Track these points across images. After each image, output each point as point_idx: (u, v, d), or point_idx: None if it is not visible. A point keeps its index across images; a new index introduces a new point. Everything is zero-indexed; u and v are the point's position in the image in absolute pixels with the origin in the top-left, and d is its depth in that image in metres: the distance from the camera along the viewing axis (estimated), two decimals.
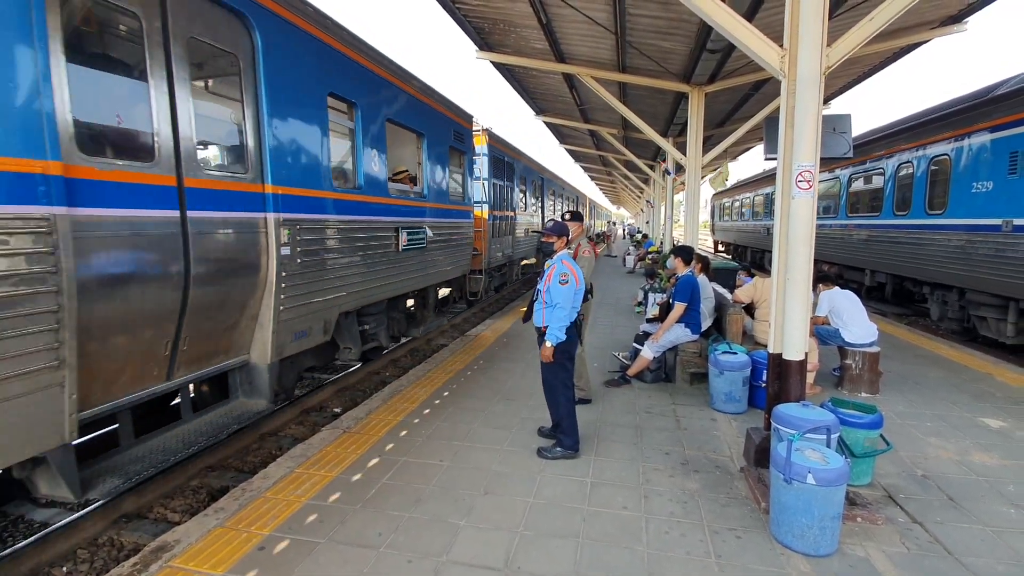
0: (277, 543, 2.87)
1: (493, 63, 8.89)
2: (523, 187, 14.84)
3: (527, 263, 17.10)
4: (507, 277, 14.08)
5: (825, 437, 2.93)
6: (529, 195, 15.71)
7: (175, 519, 3.75)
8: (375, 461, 3.84)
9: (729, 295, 6.52)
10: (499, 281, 13.22)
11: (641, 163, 16.54)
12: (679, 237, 16.93)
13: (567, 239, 4.06)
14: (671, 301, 5.54)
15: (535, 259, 16.95)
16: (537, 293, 3.99)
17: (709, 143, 12.21)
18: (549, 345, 3.79)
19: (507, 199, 13.05)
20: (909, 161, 9.75)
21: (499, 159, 12.11)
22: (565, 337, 3.79)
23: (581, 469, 3.74)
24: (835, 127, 6.00)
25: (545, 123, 14.17)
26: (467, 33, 7.84)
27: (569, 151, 21.20)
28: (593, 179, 36.54)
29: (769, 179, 18.38)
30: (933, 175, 9.06)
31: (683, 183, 9.79)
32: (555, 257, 3.95)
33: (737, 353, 4.91)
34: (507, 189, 13.02)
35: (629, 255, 18.82)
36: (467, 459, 3.89)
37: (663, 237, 16.54)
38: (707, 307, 5.83)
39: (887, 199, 10.48)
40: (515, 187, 13.77)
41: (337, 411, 5.82)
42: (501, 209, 12.46)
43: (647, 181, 24.16)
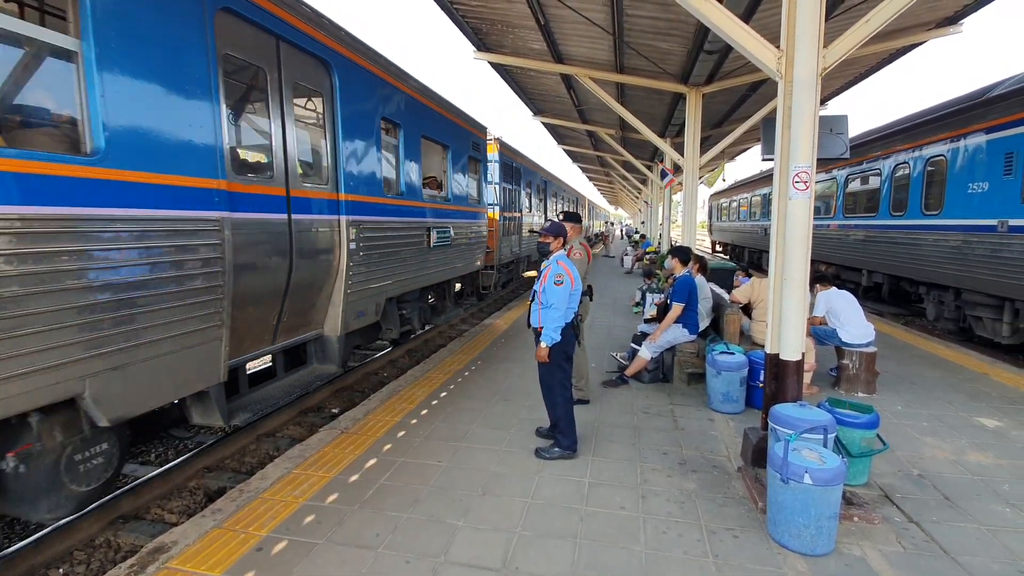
0: (275, 544, 2.87)
1: (491, 64, 8.90)
2: (528, 190, 15.85)
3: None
4: (513, 273, 14.95)
5: (822, 437, 2.94)
6: (533, 197, 16.78)
7: (172, 520, 3.74)
8: (373, 462, 3.84)
9: (727, 295, 6.53)
10: (506, 277, 14.05)
11: (639, 163, 16.56)
12: (677, 237, 16.97)
13: (563, 239, 4.05)
14: (669, 301, 5.55)
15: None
16: (534, 294, 4.00)
17: (707, 144, 12.25)
18: (544, 346, 3.79)
19: (514, 201, 14.06)
20: (906, 162, 9.79)
21: (508, 165, 13.11)
22: (560, 338, 3.79)
23: (579, 469, 3.75)
24: (832, 128, 6.01)
25: (543, 124, 14.19)
26: (465, 33, 7.84)
27: (567, 151, 21.21)
28: (591, 179, 36.55)
29: (766, 180, 18.43)
30: (929, 176, 9.10)
31: (680, 183, 9.80)
32: (551, 258, 3.96)
33: (734, 353, 4.92)
34: (514, 192, 14.02)
35: (627, 255, 18.84)
36: (465, 460, 3.89)
37: (661, 237, 16.56)
38: (705, 307, 5.84)
39: (884, 199, 10.52)
40: (521, 190, 14.80)
41: (335, 412, 5.82)
42: (509, 211, 13.47)
43: (645, 182, 24.18)
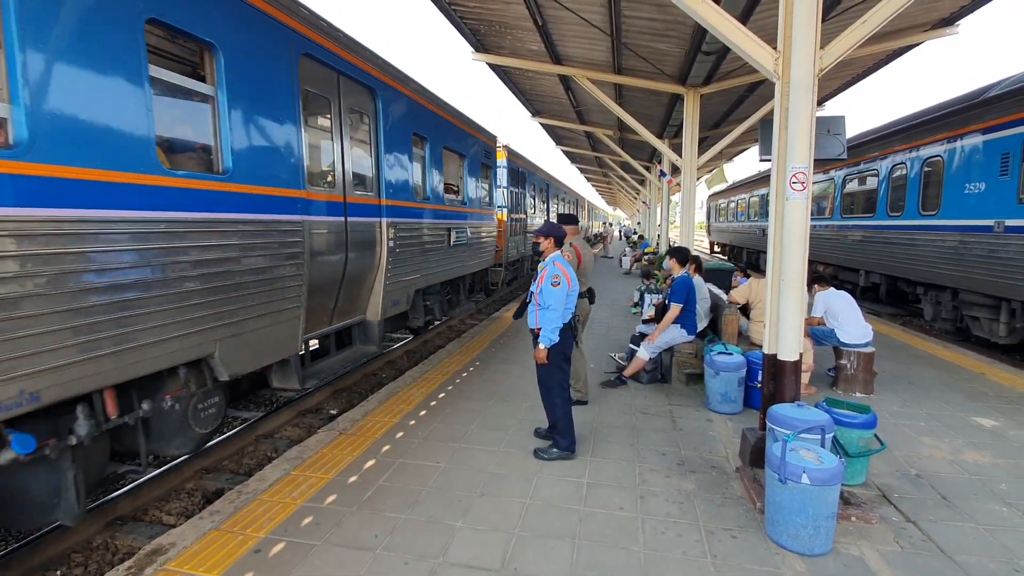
0: (273, 546, 2.86)
1: (489, 65, 8.92)
2: (532, 193, 16.91)
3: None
4: (518, 271, 15.73)
5: (820, 437, 2.94)
6: (537, 199, 17.87)
7: (170, 522, 3.74)
8: (371, 463, 3.83)
9: (724, 296, 6.54)
10: (512, 275, 14.87)
11: (637, 164, 16.59)
12: (675, 238, 16.99)
13: (555, 240, 4.02)
14: (667, 302, 5.56)
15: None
16: (530, 295, 4.00)
17: (704, 144, 12.27)
18: (543, 347, 3.79)
19: (520, 203, 15.04)
20: (903, 162, 9.82)
21: (515, 170, 14.05)
22: (559, 339, 3.80)
23: (577, 470, 3.75)
24: (829, 129, 6.02)
25: (541, 125, 14.21)
26: (463, 34, 7.86)
27: (565, 152, 21.24)
28: (589, 180, 36.59)
29: (764, 180, 18.47)
30: (926, 176, 9.12)
31: (679, 184, 9.82)
32: (547, 259, 3.96)
33: (733, 354, 4.92)
34: (520, 195, 14.99)
35: (625, 256, 18.88)
36: (464, 460, 3.89)
37: (659, 238, 16.58)
38: (703, 308, 5.85)
39: (881, 200, 10.55)
40: (526, 193, 15.83)
41: (333, 413, 5.81)
42: (516, 212, 14.44)
43: (643, 182, 24.22)
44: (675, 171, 11.84)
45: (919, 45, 7.74)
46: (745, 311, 6.20)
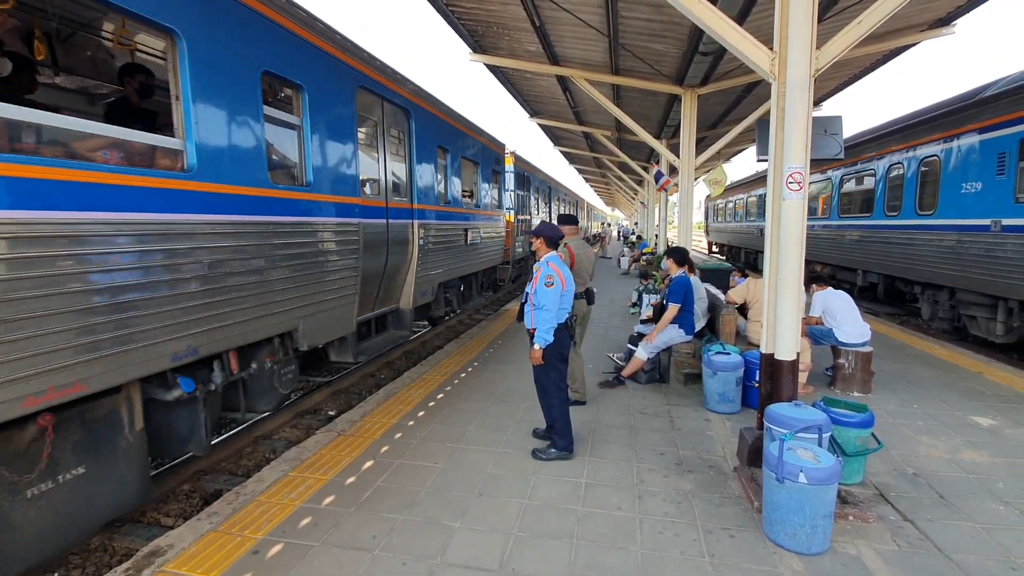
0: (271, 547, 2.86)
1: (487, 65, 8.92)
2: (536, 195, 18.15)
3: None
4: (523, 268, 16.52)
5: (817, 436, 2.95)
6: (540, 201, 19.17)
7: (168, 523, 3.73)
8: (370, 464, 3.83)
9: (722, 296, 6.55)
10: (517, 272, 15.73)
11: (635, 165, 16.61)
12: (673, 238, 17.00)
13: (546, 240, 4.03)
14: (665, 302, 5.57)
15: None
16: (526, 295, 4.00)
17: (702, 145, 12.28)
18: (537, 348, 3.80)
19: (525, 205, 16.24)
20: (900, 162, 9.84)
21: (520, 174, 15.09)
22: (553, 339, 3.79)
23: (576, 470, 3.75)
24: (826, 129, 6.02)
25: (539, 125, 14.22)
26: (460, 36, 7.86)
27: (564, 153, 21.25)
28: (588, 181, 36.59)
29: (762, 180, 18.49)
30: (923, 176, 9.15)
31: (677, 184, 9.83)
32: (542, 259, 3.96)
33: (730, 353, 4.93)
34: (525, 197, 16.17)
35: (624, 256, 18.91)
36: (462, 461, 3.89)
37: (657, 239, 16.60)
38: (700, 308, 5.85)
39: (878, 200, 10.57)
40: (531, 195, 17.04)
41: (332, 414, 5.80)
42: (522, 213, 15.49)
43: (641, 183, 24.23)
44: (673, 171, 11.86)
45: (915, 45, 7.76)
46: (743, 311, 6.22)
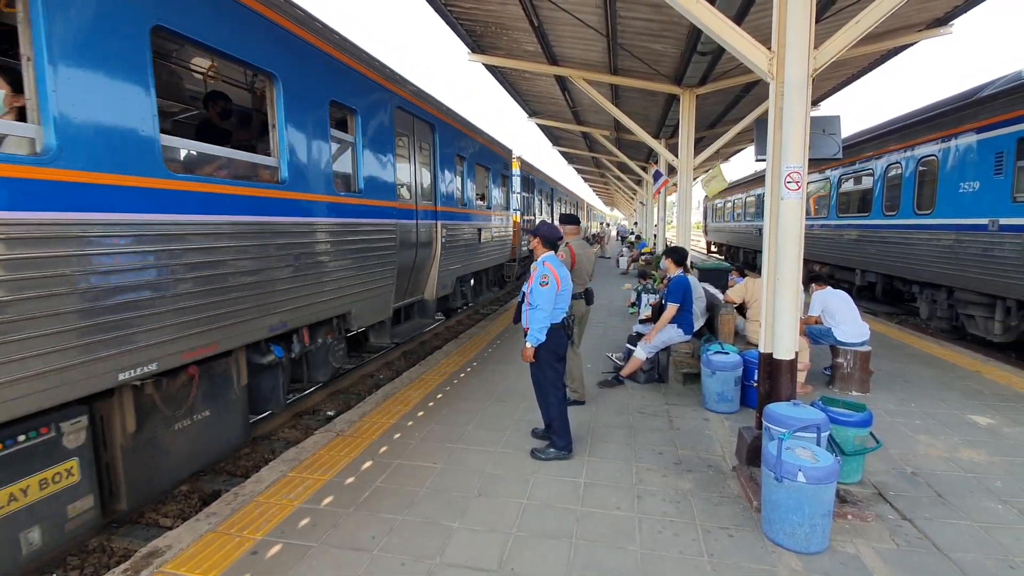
0: (270, 547, 2.86)
1: (485, 65, 8.92)
2: (539, 196, 19.30)
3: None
4: (528, 266, 16.69)
5: (815, 435, 2.95)
6: (543, 202, 20.27)
7: (167, 524, 3.72)
8: (368, 464, 3.83)
9: (721, 295, 6.56)
10: (522, 269, 16.46)
11: (634, 164, 16.63)
12: (672, 238, 17.01)
13: (542, 240, 4.03)
14: (663, 302, 5.57)
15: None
16: (523, 295, 4.00)
17: (701, 144, 12.29)
18: (529, 346, 3.80)
19: (530, 206, 17.27)
20: (898, 162, 9.85)
21: (525, 177, 16.11)
22: (545, 338, 3.79)
23: (574, 470, 3.75)
24: (824, 128, 6.05)
25: (538, 125, 14.22)
26: (459, 36, 7.86)
27: (562, 153, 21.26)
28: (587, 180, 36.58)
29: (760, 180, 18.49)
30: (921, 176, 9.16)
31: (675, 184, 9.84)
32: (539, 259, 3.96)
33: (729, 353, 4.93)
34: (529, 199, 17.18)
35: (622, 256, 18.93)
36: (461, 461, 3.89)
37: (656, 239, 16.61)
38: (699, 307, 5.86)
39: (876, 199, 10.58)
40: (535, 196, 18.13)
41: (330, 414, 5.79)
42: (527, 214, 16.51)
43: (640, 183, 24.25)
44: (671, 171, 11.86)
45: (913, 45, 7.77)
46: (741, 310, 6.22)
